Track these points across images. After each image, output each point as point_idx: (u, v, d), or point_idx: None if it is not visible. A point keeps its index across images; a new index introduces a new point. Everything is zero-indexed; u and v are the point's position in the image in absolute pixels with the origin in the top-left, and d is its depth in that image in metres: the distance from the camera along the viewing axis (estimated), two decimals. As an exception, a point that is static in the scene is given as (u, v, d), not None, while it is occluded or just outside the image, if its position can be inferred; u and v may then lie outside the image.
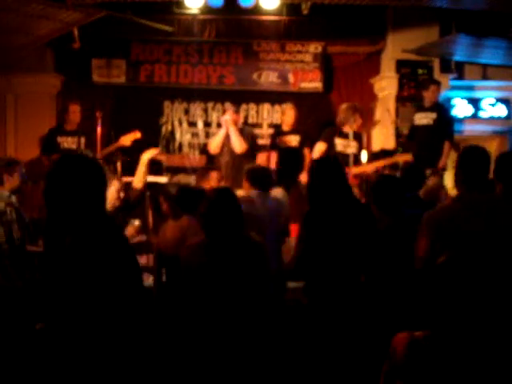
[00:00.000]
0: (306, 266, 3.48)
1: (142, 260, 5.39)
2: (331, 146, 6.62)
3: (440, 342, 1.92)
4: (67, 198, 2.16)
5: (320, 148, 6.61)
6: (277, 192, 5.13)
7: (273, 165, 7.17)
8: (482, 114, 8.90)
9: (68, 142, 6.94)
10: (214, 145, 6.77)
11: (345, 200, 3.51)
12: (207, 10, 7.53)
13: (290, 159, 6.98)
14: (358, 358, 3.37)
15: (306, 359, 3.42)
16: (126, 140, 6.91)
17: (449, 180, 8.87)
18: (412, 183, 4.50)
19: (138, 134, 6.99)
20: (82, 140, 6.95)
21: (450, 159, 9.90)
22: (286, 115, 7.27)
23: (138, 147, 7.15)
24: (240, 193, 4.66)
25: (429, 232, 3.07)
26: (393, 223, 3.50)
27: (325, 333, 3.37)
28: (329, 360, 3.36)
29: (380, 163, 6.61)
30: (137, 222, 5.34)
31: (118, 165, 6.95)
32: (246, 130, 7.07)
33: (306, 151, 7.06)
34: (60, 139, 6.91)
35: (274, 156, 7.20)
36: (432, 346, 1.92)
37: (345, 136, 6.59)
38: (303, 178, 6.63)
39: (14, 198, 4.45)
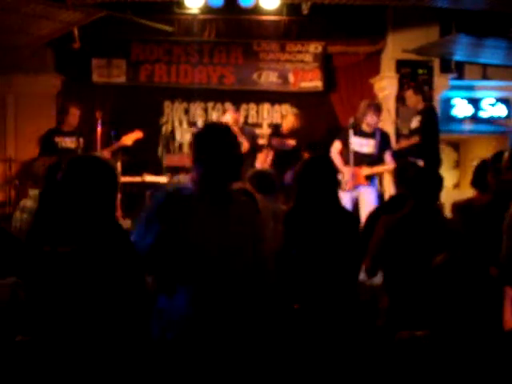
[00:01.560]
0: (285, 266, 3.47)
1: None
2: (346, 144, 6.45)
3: (440, 342, 1.92)
4: (77, 203, 2.16)
5: (336, 146, 6.47)
6: None
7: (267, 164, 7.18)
8: (482, 114, 8.91)
9: (66, 142, 6.93)
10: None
11: (329, 203, 3.50)
12: (207, 10, 7.53)
13: (282, 161, 6.99)
14: (355, 360, 3.38)
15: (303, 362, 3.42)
16: (128, 139, 6.91)
17: (449, 180, 8.91)
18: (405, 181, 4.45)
19: (139, 134, 6.99)
20: (81, 140, 6.95)
21: (450, 159, 9.96)
22: (286, 120, 7.31)
23: (139, 147, 7.19)
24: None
25: None
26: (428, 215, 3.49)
27: (316, 336, 3.37)
28: (323, 363, 3.36)
29: (388, 169, 6.47)
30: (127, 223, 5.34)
31: (119, 164, 6.96)
32: (247, 130, 7.09)
33: (304, 154, 7.12)
34: (57, 139, 6.90)
35: (270, 155, 7.22)
36: (432, 345, 1.92)
37: (362, 134, 6.43)
38: (286, 177, 6.63)
39: None
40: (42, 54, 7.90)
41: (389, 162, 6.35)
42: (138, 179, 6.61)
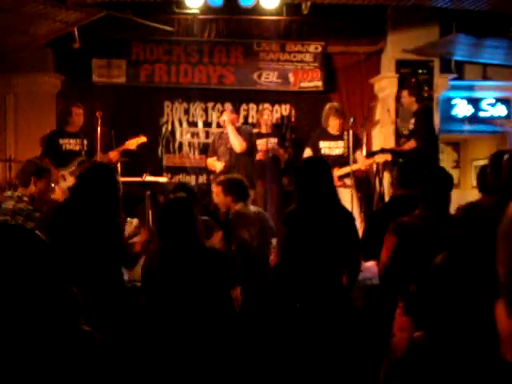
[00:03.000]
0: (290, 268, 3.48)
1: (142, 261, 5.38)
2: (317, 149, 6.68)
3: (439, 342, 1.92)
4: None
5: (307, 153, 6.77)
6: None
7: None
8: (482, 114, 8.91)
9: (71, 144, 6.92)
10: (237, 143, 6.72)
11: (329, 202, 3.52)
12: (207, 9, 7.53)
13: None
14: (353, 360, 3.39)
15: (299, 363, 3.42)
16: (132, 144, 6.90)
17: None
18: (407, 181, 4.40)
19: (143, 139, 6.99)
20: (85, 142, 6.95)
21: (450, 159, 9.94)
22: (262, 117, 7.39)
23: (139, 147, 7.17)
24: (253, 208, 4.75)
25: None
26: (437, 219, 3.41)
27: (316, 336, 3.37)
28: (322, 363, 3.36)
29: (359, 165, 6.57)
30: (134, 221, 5.31)
31: (118, 166, 6.97)
32: (245, 129, 7.08)
33: (281, 152, 7.24)
34: (62, 141, 6.89)
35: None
36: (431, 346, 1.92)
37: (329, 137, 6.61)
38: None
39: (22, 205, 4.39)
40: (41, 54, 7.87)
41: (360, 161, 6.59)
42: (138, 179, 6.61)
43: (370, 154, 6.95)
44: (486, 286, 1.93)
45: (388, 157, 6.32)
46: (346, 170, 6.48)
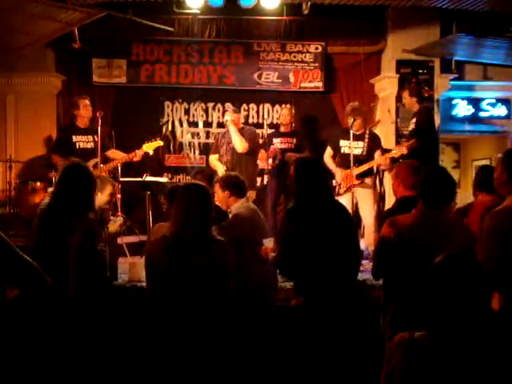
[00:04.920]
0: (290, 262, 3.49)
1: (143, 261, 5.38)
2: (337, 148, 6.65)
3: (440, 343, 1.92)
4: None
5: (328, 152, 6.76)
6: None
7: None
8: (482, 114, 8.91)
9: (83, 142, 6.75)
10: (238, 143, 6.69)
11: (326, 199, 3.57)
12: (207, 9, 7.53)
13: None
14: (354, 359, 3.39)
15: (301, 360, 3.42)
16: (149, 148, 6.80)
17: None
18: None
19: (160, 142, 6.91)
20: (96, 139, 6.83)
21: (450, 159, 9.94)
22: (282, 117, 7.39)
23: (139, 147, 7.16)
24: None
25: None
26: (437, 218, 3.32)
27: (319, 332, 3.37)
28: (324, 361, 3.36)
29: (376, 161, 6.55)
30: (119, 220, 5.29)
31: (119, 166, 6.96)
32: (248, 130, 7.08)
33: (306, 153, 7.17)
34: (75, 138, 6.67)
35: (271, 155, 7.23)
36: (432, 346, 1.92)
37: (350, 137, 6.58)
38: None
39: None
40: (42, 54, 7.88)
41: (377, 159, 6.54)
42: (138, 179, 6.60)
43: (386, 151, 6.90)
44: (486, 283, 1.93)
45: (404, 150, 6.24)
46: (364, 167, 6.48)
